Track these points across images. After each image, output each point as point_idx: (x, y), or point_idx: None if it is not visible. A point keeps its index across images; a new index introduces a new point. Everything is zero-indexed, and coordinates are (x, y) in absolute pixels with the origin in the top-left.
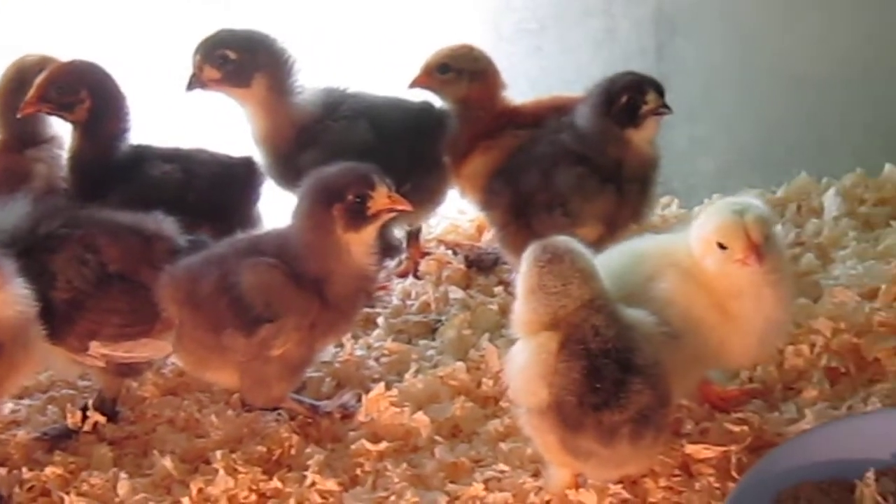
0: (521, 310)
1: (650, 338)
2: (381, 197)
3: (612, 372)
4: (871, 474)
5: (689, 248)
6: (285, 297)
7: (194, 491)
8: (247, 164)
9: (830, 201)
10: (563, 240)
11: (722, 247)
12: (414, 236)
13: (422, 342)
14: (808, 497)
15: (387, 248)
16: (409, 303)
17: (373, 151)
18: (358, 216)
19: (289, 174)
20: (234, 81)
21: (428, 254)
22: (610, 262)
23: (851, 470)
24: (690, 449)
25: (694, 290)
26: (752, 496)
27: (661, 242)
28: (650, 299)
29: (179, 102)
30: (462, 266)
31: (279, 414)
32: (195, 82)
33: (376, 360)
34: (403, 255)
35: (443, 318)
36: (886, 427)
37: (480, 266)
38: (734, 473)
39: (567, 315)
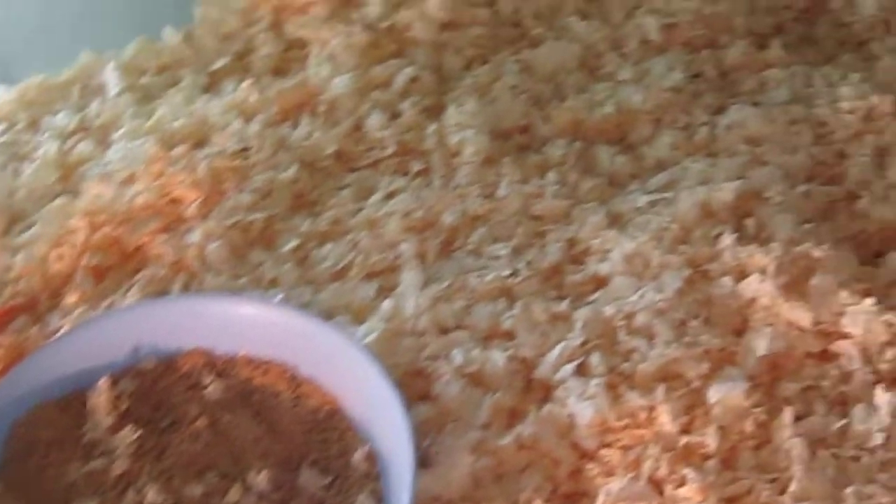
0: None
1: None
2: None
3: None
4: (103, 382)
5: None
6: None
7: None
8: None
9: (110, 76)
10: None
11: None
12: None
13: None
14: (47, 419)
15: None
16: None
17: None
18: None
19: None
20: None
21: None
22: None
23: (93, 378)
24: None
25: None
26: None
27: None
28: None
29: None
30: None
31: None
32: None
33: None
34: None
35: None
36: (121, 326)
37: None
38: None
39: None
